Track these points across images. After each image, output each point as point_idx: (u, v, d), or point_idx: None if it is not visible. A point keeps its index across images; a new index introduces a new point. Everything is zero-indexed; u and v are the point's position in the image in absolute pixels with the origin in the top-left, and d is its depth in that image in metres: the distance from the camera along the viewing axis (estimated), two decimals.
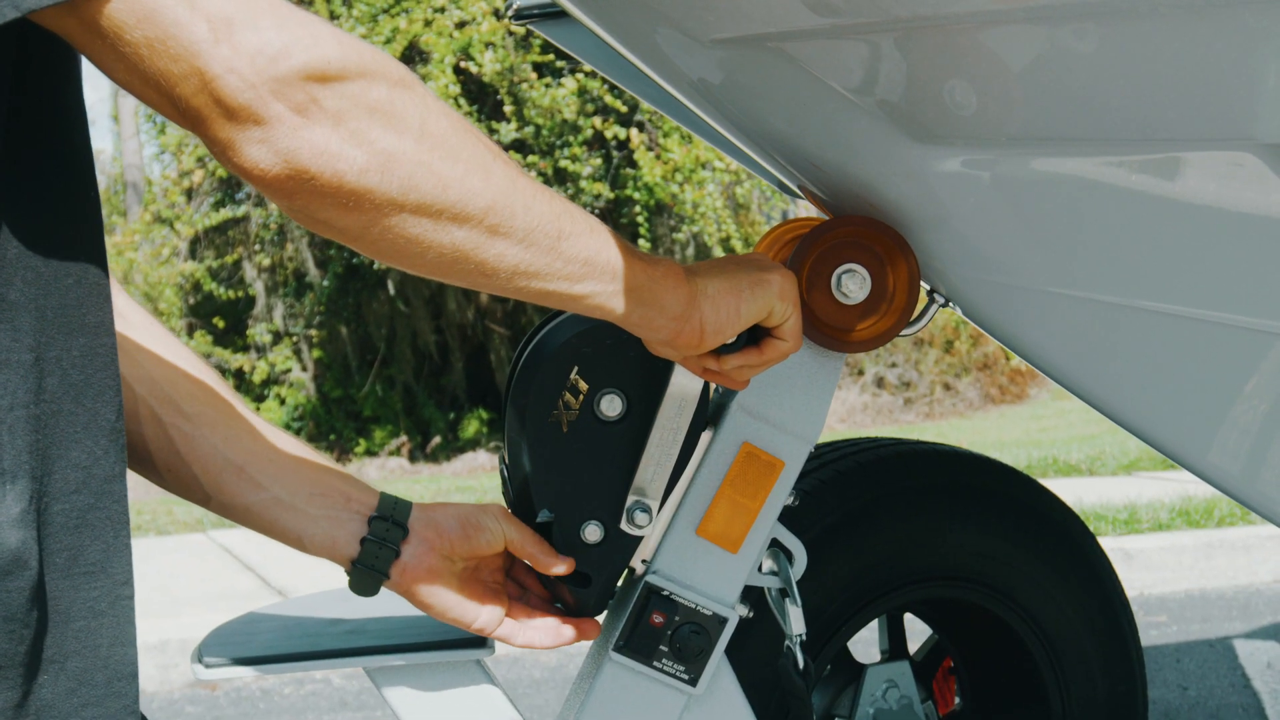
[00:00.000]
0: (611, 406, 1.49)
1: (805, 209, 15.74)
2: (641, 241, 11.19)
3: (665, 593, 1.53)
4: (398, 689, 1.53)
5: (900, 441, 2.08)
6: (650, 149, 11.29)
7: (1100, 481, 6.95)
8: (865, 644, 2.32)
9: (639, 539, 1.51)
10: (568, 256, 1.15)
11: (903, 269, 1.50)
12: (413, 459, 11.86)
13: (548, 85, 11.03)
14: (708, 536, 1.54)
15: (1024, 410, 12.97)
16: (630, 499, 1.49)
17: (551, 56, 11.17)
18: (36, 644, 0.97)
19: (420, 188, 1.02)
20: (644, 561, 1.55)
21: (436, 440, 12.02)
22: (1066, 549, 2.06)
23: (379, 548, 1.39)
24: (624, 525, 1.49)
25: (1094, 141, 1.37)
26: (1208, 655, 4.41)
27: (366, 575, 1.39)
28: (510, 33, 10.90)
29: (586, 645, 1.60)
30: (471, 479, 9.41)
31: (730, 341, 1.33)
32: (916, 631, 2.23)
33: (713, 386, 1.56)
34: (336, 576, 1.45)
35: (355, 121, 0.97)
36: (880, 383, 13.30)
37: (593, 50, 2.26)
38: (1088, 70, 1.31)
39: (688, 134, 11.25)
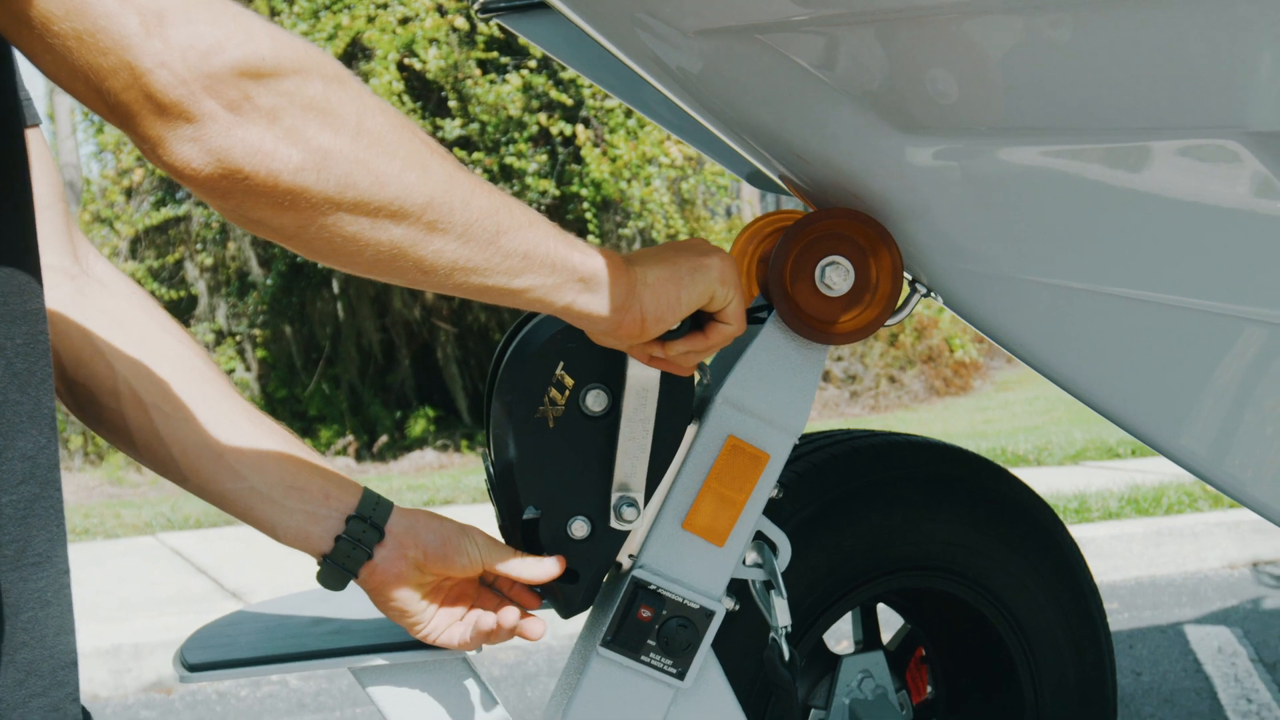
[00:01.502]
0: (597, 401, 1.48)
1: (749, 204, 15.71)
2: (591, 238, 11.17)
3: (652, 587, 1.53)
4: (383, 688, 1.51)
5: (873, 433, 2.09)
6: (596, 145, 11.27)
7: (1048, 471, 7.02)
8: (837, 635, 2.32)
9: (626, 534, 1.51)
10: (507, 251, 1.13)
11: (885, 260, 1.50)
12: (359, 458, 11.78)
13: (492, 82, 10.99)
14: (694, 530, 1.54)
15: (968, 402, 13.06)
16: (615, 494, 1.48)
17: (496, 53, 11.13)
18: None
19: (357, 185, 1.00)
20: (630, 556, 1.55)
21: (383, 439, 11.95)
22: (1037, 536, 2.07)
23: (352, 548, 1.39)
24: (612, 521, 1.49)
25: (1079, 131, 1.38)
26: (1159, 641, 4.47)
27: (336, 572, 1.40)
28: (454, 29, 10.85)
29: (540, 642, 1.60)
30: (419, 478, 9.36)
31: (674, 329, 1.33)
32: (887, 622, 2.24)
33: (697, 379, 1.56)
34: (292, 580, 1.45)
35: (290, 119, 0.95)
36: (826, 376, 13.36)
37: (560, 44, 2.25)
38: (1071, 60, 1.32)
39: (634, 130, 11.25)
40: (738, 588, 1.60)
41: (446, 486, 7.39)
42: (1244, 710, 3.81)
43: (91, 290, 1.39)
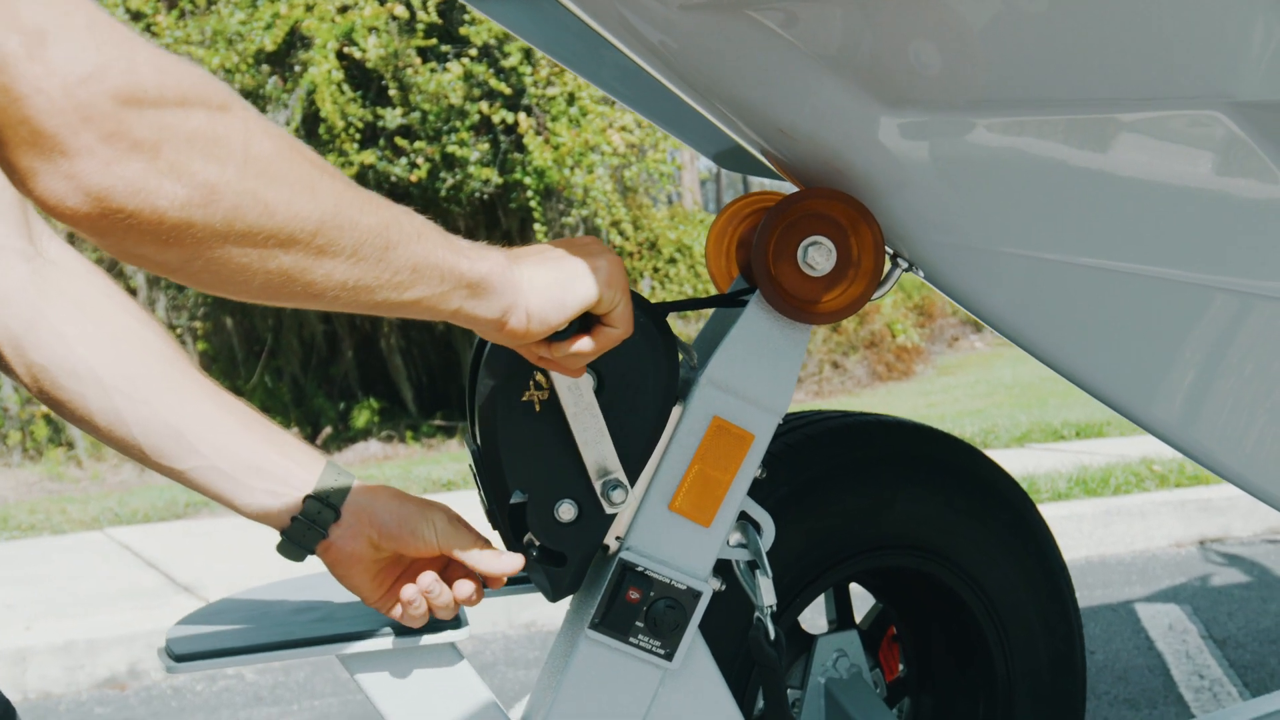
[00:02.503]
0: (585, 383, 1.48)
1: (689, 191, 15.68)
2: (535, 225, 11.15)
3: (640, 569, 1.53)
4: (372, 674, 1.51)
5: (846, 414, 2.10)
6: (539, 133, 11.24)
7: (995, 454, 7.08)
8: (809, 615, 2.33)
9: (613, 516, 1.51)
10: (396, 266, 1.11)
11: (867, 238, 1.51)
12: None
13: (433, 70, 10.92)
14: (680, 511, 1.54)
15: (911, 387, 13.15)
16: (599, 480, 1.48)
17: (435, 41, 11.07)
18: None
19: (246, 217, 0.96)
20: (618, 539, 1.55)
21: (327, 431, 11.87)
22: (1008, 514, 2.10)
23: (307, 528, 1.41)
24: (602, 504, 1.49)
25: (1062, 103, 1.39)
26: (1111, 619, 4.53)
27: (292, 549, 1.43)
28: (394, 17, 10.78)
29: (496, 630, 1.59)
30: (364, 469, 9.31)
31: (561, 330, 1.31)
32: (858, 601, 2.26)
33: (681, 358, 1.56)
34: (244, 573, 1.45)
35: (173, 152, 0.90)
36: None
37: (528, 25, 2.24)
38: (1057, 31, 1.34)
39: (576, 118, 11.23)
40: (721, 568, 1.61)
41: (396, 477, 7.35)
42: (1196, 686, 3.87)
43: (49, 272, 1.37)
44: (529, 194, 11.19)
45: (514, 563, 1.47)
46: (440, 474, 7.31)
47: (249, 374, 12.03)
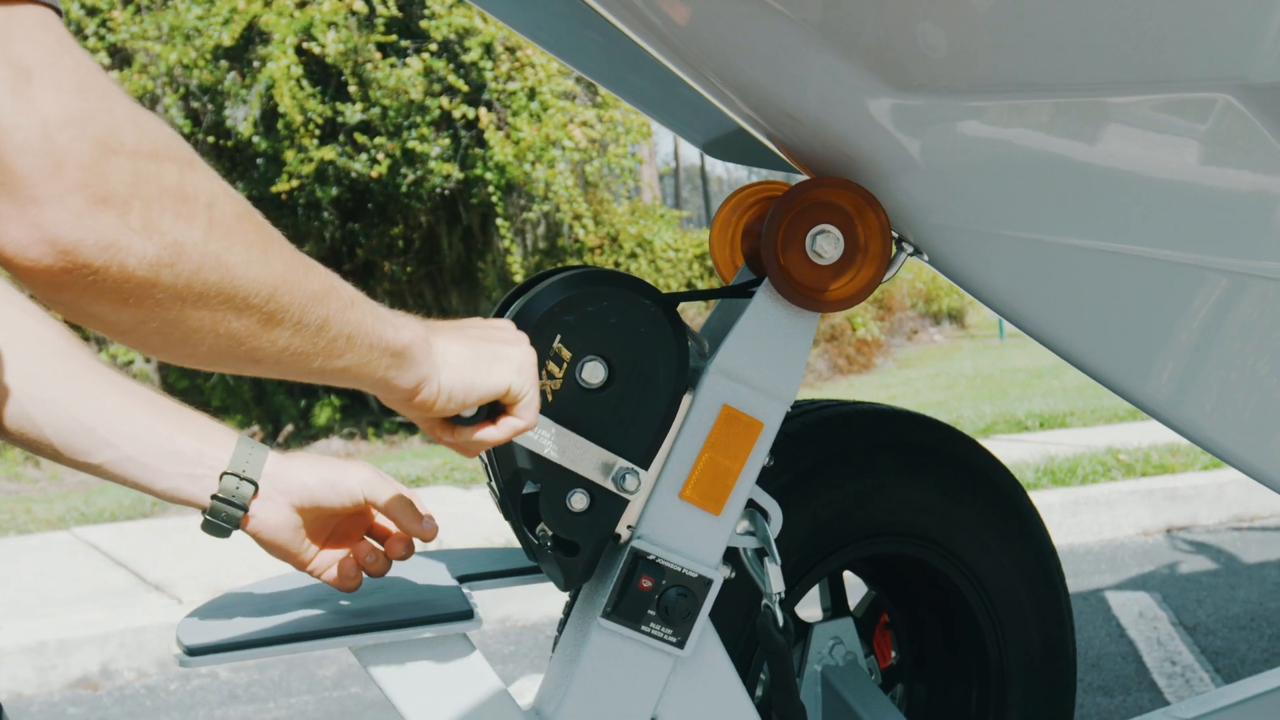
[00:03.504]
0: (594, 373, 1.48)
1: (649, 187, 15.66)
2: (497, 220, 11.13)
3: (651, 557, 1.53)
4: (385, 666, 1.50)
5: (840, 402, 2.11)
6: (499, 128, 11.21)
7: None
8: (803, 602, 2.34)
9: (624, 504, 1.52)
10: (333, 335, 1.10)
11: (874, 225, 1.52)
12: None
13: (393, 65, 10.88)
14: (690, 499, 1.55)
15: (872, 380, 13.22)
16: (619, 464, 1.49)
17: (395, 36, 11.02)
18: None
19: (206, 279, 0.92)
20: (629, 528, 1.55)
21: (289, 429, 11.80)
22: (1000, 501, 2.11)
23: (228, 505, 1.44)
24: (613, 490, 1.49)
25: (1074, 86, 1.41)
26: (1082, 608, 4.57)
27: (216, 527, 1.45)
28: (353, 12, 10.73)
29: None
30: None
31: (467, 414, 1.30)
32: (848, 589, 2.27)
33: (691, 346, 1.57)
34: (215, 572, 1.46)
35: (145, 208, 0.86)
36: None
37: (511, 11, 2.24)
38: (1067, 15, 1.35)
39: (537, 113, 11.21)
40: (728, 556, 1.61)
41: None
42: (1169, 672, 3.91)
43: None
44: (490, 189, 11.17)
45: (433, 528, 1.50)
46: (408, 470, 7.29)
47: (209, 371, 11.94)
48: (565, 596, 1.96)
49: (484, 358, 1.29)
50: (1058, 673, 2.18)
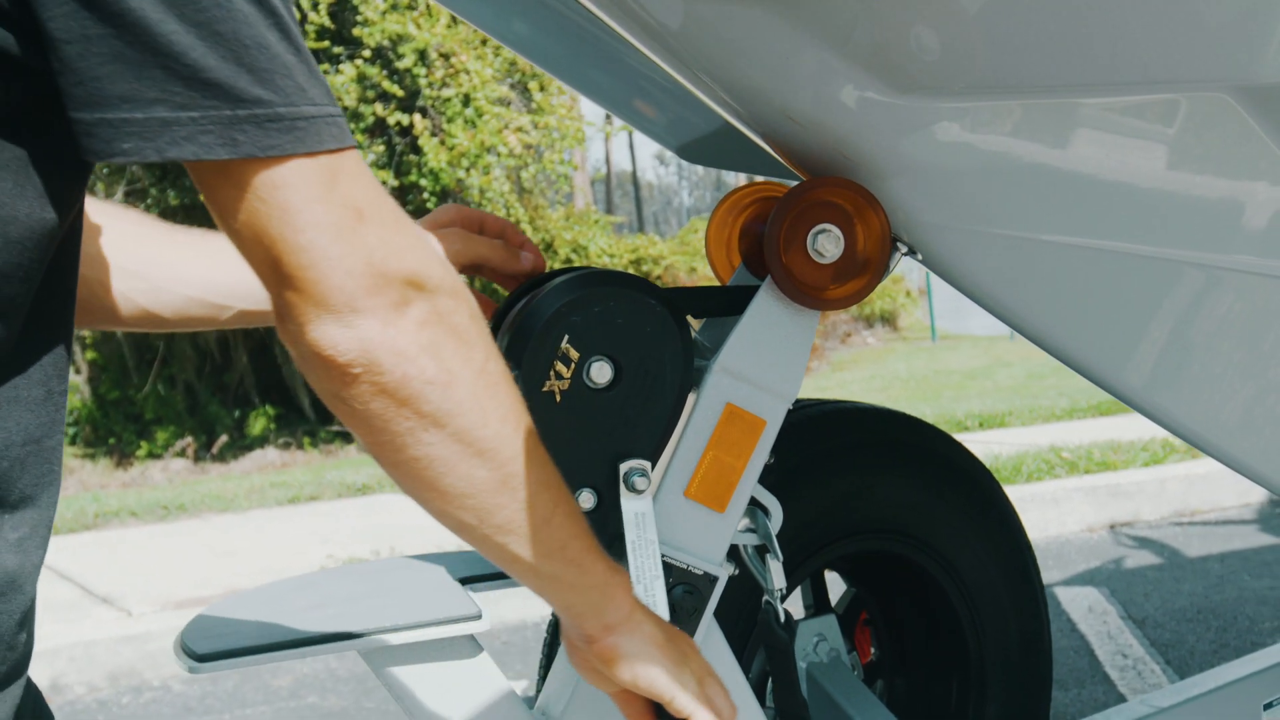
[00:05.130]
0: (601, 373, 1.49)
1: (581, 192, 15.67)
2: None
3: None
4: (393, 668, 1.50)
5: (822, 402, 2.13)
6: (434, 135, 11.18)
7: None
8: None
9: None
10: (551, 534, 1.18)
11: (874, 224, 1.54)
12: (198, 459, 11.51)
13: (326, 72, 10.81)
14: (695, 497, 1.56)
15: (807, 383, 13.29)
16: (627, 464, 1.49)
17: (328, 43, 10.96)
18: (19, 665, 0.98)
19: (467, 416, 1.06)
20: None
21: (223, 439, 11.70)
22: (979, 497, 2.14)
23: None
24: (623, 490, 1.50)
25: (1071, 87, 1.43)
26: None
27: None
28: None
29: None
30: (261, 476, 9.19)
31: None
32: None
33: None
34: (159, 584, 1.45)
35: (436, 334, 1.02)
36: None
37: (494, 21, 2.25)
38: (1065, 16, 1.38)
39: (472, 119, 11.19)
40: (729, 552, 1.62)
41: (310, 483, 7.27)
42: (1121, 665, 3.97)
43: None
44: (425, 196, 11.13)
45: (531, 258, 1.66)
46: (355, 478, 7.24)
47: (141, 382, 11.81)
48: None
49: (671, 656, 1.32)
50: (1035, 665, 2.21)
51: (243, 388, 12.13)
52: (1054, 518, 5.53)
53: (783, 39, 1.47)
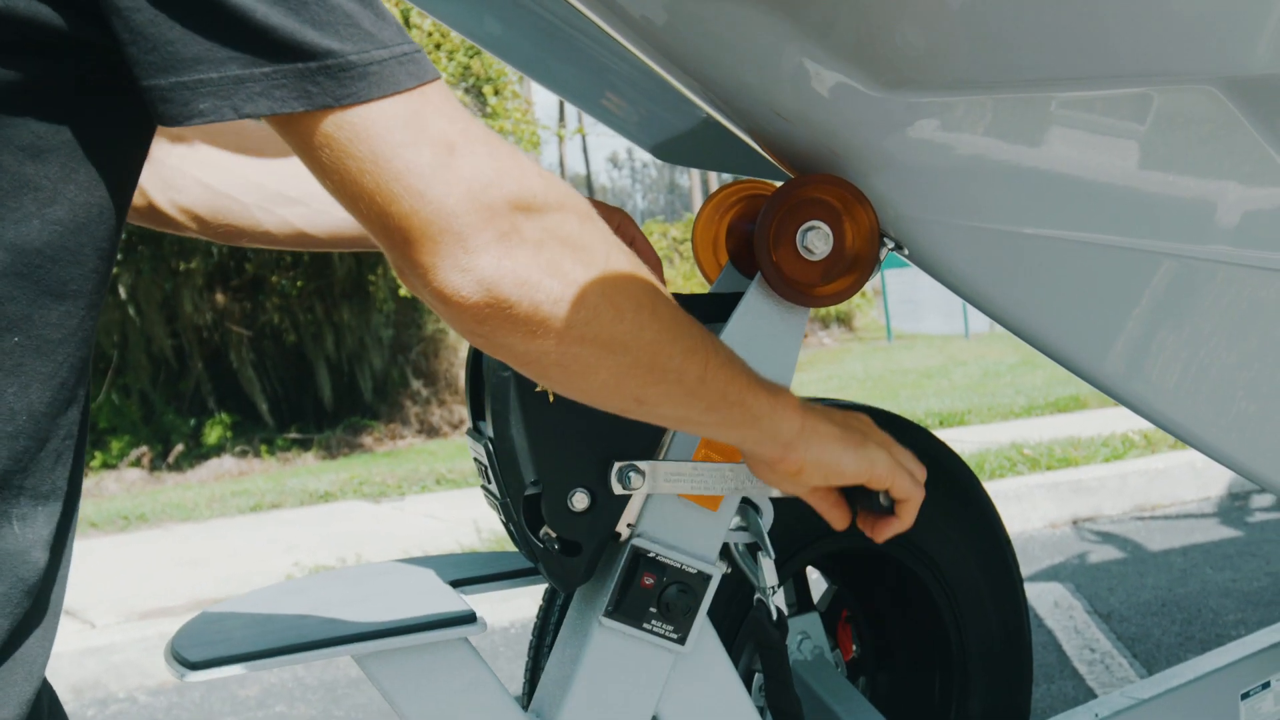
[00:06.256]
0: None
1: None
2: None
3: (651, 554, 1.54)
4: (389, 674, 1.49)
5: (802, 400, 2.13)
6: None
7: None
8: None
9: (624, 503, 1.52)
10: (708, 389, 1.21)
11: (862, 221, 1.55)
12: (154, 469, 11.40)
13: None
14: (688, 496, 1.55)
15: None
16: (620, 462, 1.49)
17: None
18: (39, 650, 1.00)
19: (602, 318, 1.06)
20: (629, 526, 1.56)
21: (179, 448, 11.58)
22: (958, 492, 2.15)
23: None
24: (616, 488, 1.49)
25: (1057, 81, 1.44)
26: None
27: None
28: None
29: None
30: (220, 485, 9.12)
31: (884, 501, 1.44)
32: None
33: None
34: (117, 595, 1.44)
35: (552, 252, 1.01)
36: None
37: (470, 22, 2.24)
38: (1052, 11, 1.39)
39: None
40: (721, 551, 1.62)
41: (271, 491, 7.22)
42: (1089, 660, 4.00)
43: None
44: None
45: None
46: (316, 485, 7.20)
47: (95, 391, 11.68)
48: (538, 598, 1.97)
49: (850, 441, 1.38)
50: (1016, 658, 2.22)
51: (199, 395, 12.03)
52: (1017, 514, 5.57)
53: (771, 35, 1.47)
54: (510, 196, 0.98)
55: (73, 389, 0.97)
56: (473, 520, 5.75)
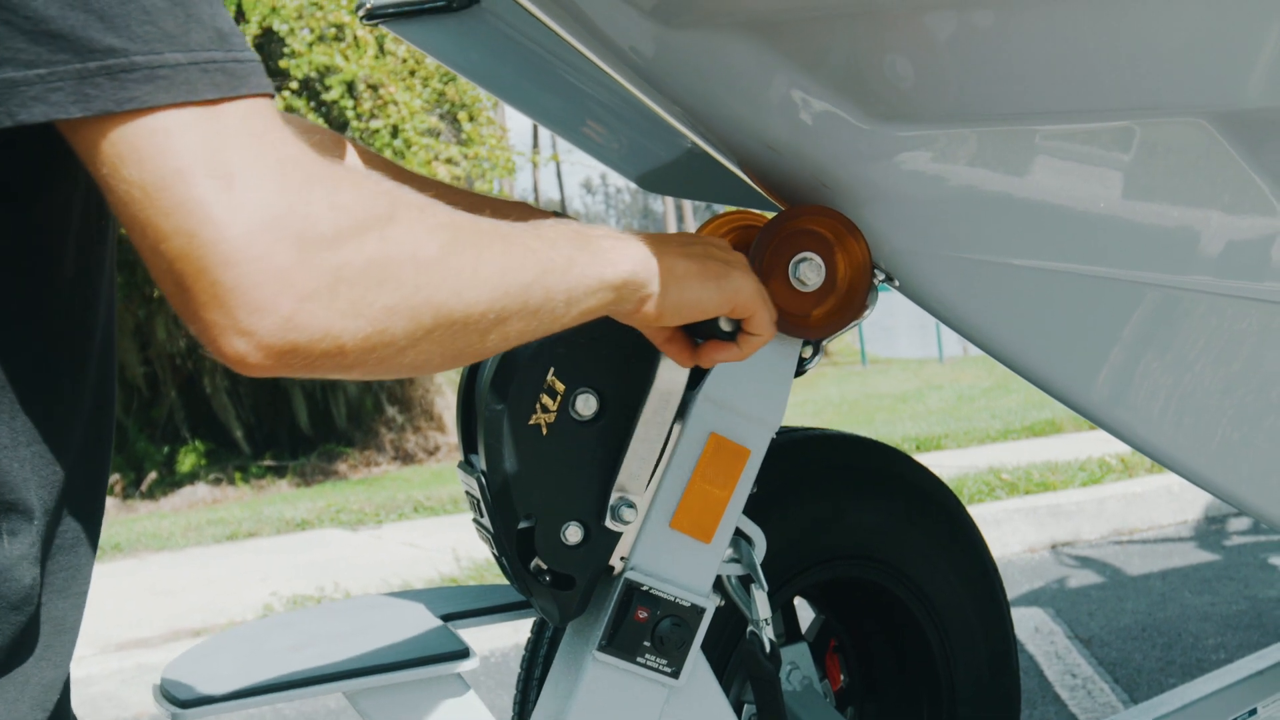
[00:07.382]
0: (587, 405, 1.48)
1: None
2: None
3: (645, 588, 1.53)
4: (381, 710, 1.48)
5: (789, 429, 2.13)
6: None
7: None
8: None
9: (618, 536, 1.52)
10: (555, 303, 1.10)
11: (855, 252, 1.55)
12: (127, 497, 11.33)
13: None
14: (681, 529, 1.55)
15: None
16: (614, 496, 1.49)
17: None
18: (36, 670, 0.96)
19: (423, 322, 0.94)
20: (622, 559, 1.55)
21: (152, 476, 11.52)
22: (946, 520, 2.16)
23: None
24: (609, 523, 1.49)
25: (1047, 114, 1.45)
26: None
27: None
28: None
29: None
30: (194, 513, 9.05)
31: (726, 327, 1.37)
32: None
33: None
34: (113, 625, 1.42)
35: (350, 291, 0.87)
36: None
37: (451, 50, 2.24)
38: (1042, 45, 1.40)
39: (401, 150, 11.14)
40: (714, 583, 1.62)
41: (247, 519, 7.17)
42: (1071, 685, 4.01)
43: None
44: None
45: None
46: (292, 514, 7.15)
47: None
48: (526, 629, 1.96)
49: (710, 274, 1.29)
50: (1004, 686, 2.22)
51: (172, 422, 11.96)
52: (995, 539, 5.57)
53: (761, 68, 1.47)
54: (294, 239, 0.83)
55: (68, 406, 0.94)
56: (451, 548, 5.72)
